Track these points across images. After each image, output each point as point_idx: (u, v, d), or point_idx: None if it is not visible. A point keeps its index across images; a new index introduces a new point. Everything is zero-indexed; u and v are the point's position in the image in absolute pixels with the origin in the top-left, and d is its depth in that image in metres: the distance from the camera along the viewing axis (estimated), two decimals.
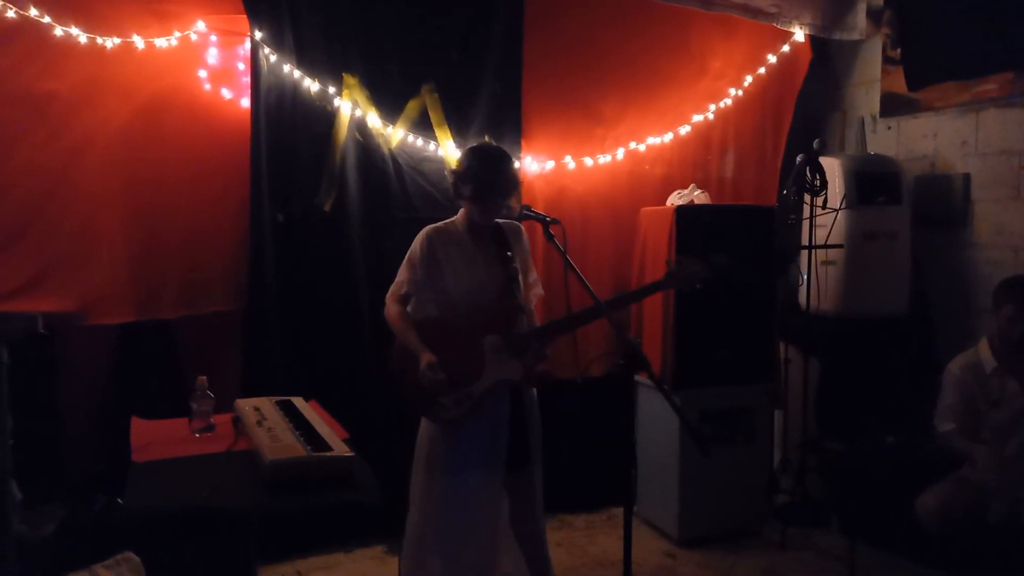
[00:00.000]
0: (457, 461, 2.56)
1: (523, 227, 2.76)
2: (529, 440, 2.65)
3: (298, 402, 2.56)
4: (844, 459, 3.73)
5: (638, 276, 3.91)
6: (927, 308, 4.00)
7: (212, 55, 3.29)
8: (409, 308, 2.65)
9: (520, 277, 2.65)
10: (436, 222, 3.56)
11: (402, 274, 2.68)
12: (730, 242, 3.68)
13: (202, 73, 3.27)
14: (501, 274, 2.57)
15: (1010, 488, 2.97)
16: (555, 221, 2.55)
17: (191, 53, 3.25)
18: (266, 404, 2.48)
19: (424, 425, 2.67)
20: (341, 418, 2.54)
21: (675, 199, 3.89)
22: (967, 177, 3.92)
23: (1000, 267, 3.60)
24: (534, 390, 2.70)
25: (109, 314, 3.11)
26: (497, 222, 2.69)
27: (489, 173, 2.58)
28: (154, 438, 2.33)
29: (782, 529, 3.64)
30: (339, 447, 2.11)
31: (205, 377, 2.40)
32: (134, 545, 2.86)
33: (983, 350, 3.13)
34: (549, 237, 2.57)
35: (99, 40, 3.09)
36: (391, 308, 2.67)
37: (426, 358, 2.49)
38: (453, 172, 2.71)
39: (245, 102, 3.31)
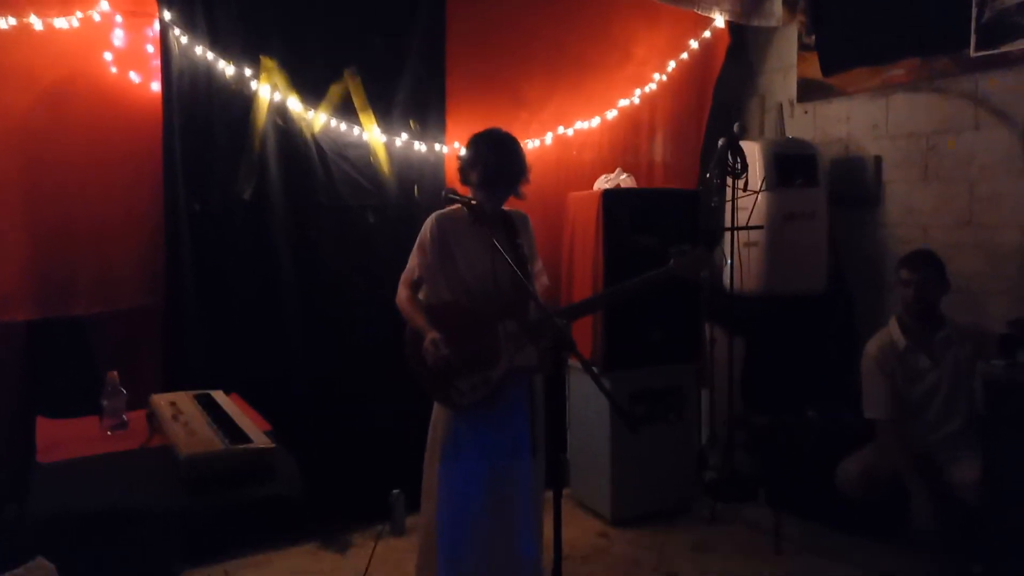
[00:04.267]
0: (476, 449, 2.57)
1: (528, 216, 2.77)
2: (535, 429, 2.65)
3: (217, 395, 2.48)
4: (768, 433, 3.85)
5: (567, 260, 3.93)
6: (845, 285, 4.15)
7: (118, 37, 3.13)
8: (421, 295, 2.65)
9: (529, 265, 2.65)
10: (363, 208, 3.58)
11: (413, 259, 2.67)
12: (656, 225, 3.73)
13: (108, 56, 3.11)
14: (512, 261, 2.51)
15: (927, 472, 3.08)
16: (476, 203, 2.54)
17: (95, 35, 3.09)
18: (183, 398, 2.40)
19: (439, 412, 2.67)
20: (265, 411, 2.46)
21: (602, 183, 3.92)
22: (878, 159, 4.07)
23: (910, 245, 3.75)
24: (540, 377, 2.70)
25: (14, 310, 2.95)
26: (505, 210, 2.69)
27: (496, 158, 2.58)
28: (62, 438, 2.21)
29: (712, 505, 3.73)
30: (260, 439, 2.05)
31: (116, 372, 2.29)
32: (46, 551, 2.72)
33: (893, 328, 3.26)
34: (473, 220, 2.56)
35: None
36: (401, 293, 2.67)
37: (430, 335, 2.49)
38: (460, 158, 2.70)
39: (156, 86, 3.17)
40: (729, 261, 3.87)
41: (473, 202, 2.56)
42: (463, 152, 2.71)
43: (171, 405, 2.30)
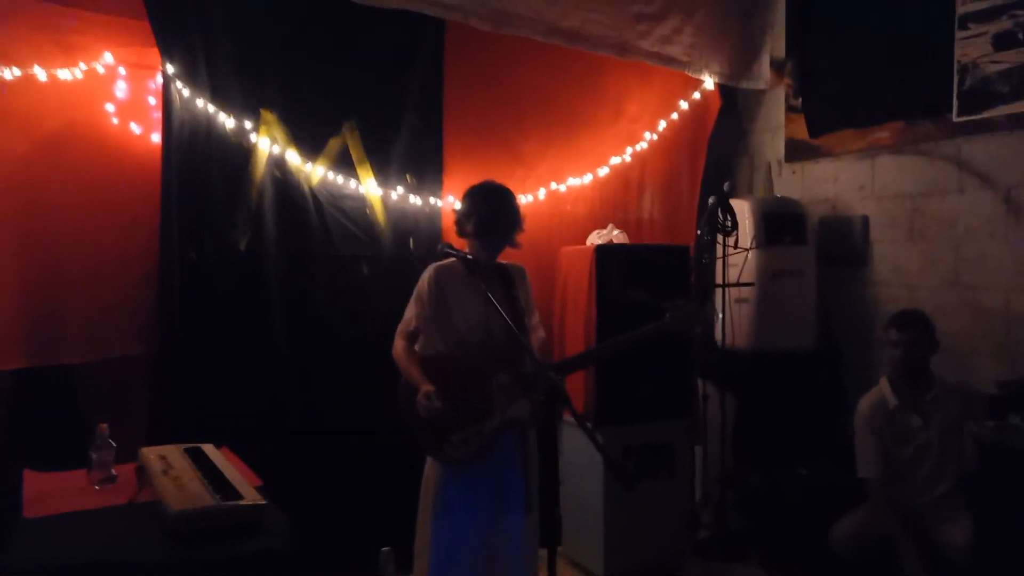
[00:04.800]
0: (468, 504, 2.56)
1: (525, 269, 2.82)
2: (529, 485, 2.64)
3: (208, 449, 2.45)
4: (760, 492, 3.82)
5: (559, 313, 3.95)
6: (833, 342, 4.18)
7: (120, 88, 3.19)
8: (417, 346, 2.66)
9: (525, 318, 2.67)
10: (357, 260, 3.60)
11: (410, 310, 2.69)
12: (648, 280, 3.77)
13: (109, 107, 3.16)
14: (507, 313, 2.54)
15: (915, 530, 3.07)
16: (472, 258, 2.58)
17: (98, 86, 3.14)
18: (173, 452, 2.36)
19: (431, 468, 2.66)
20: (255, 464, 2.43)
21: (595, 238, 3.97)
22: (865, 219, 4.14)
23: (897, 303, 3.79)
24: (534, 432, 2.70)
25: (3, 360, 2.92)
26: (501, 263, 2.73)
27: (490, 209, 2.63)
28: (48, 490, 2.18)
29: (703, 564, 3.68)
30: (250, 495, 2.03)
31: (106, 424, 2.27)
32: None
33: (884, 388, 3.27)
34: (469, 272, 2.58)
35: None
36: (397, 344, 2.67)
37: (424, 388, 2.49)
38: (456, 210, 2.74)
39: (156, 137, 3.21)
40: (720, 317, 3.90)
41: (469, 256, 2.59)
42: (459, 204, 2.76)
43: (161, 459, 2.27)
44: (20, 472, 2.32)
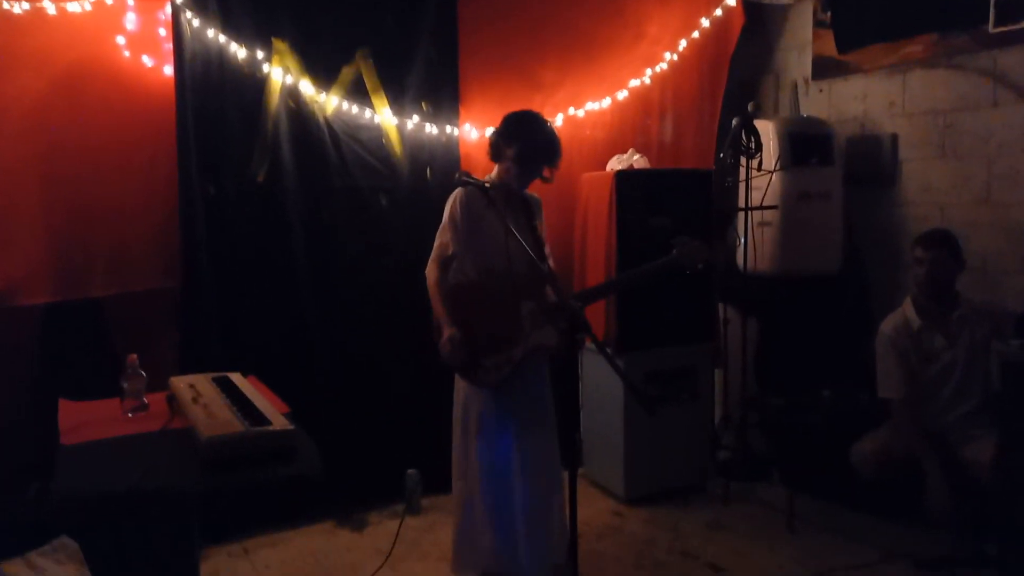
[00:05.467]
0: (506, 423, 2.67)
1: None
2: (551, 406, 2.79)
3: (235, 378, 2.50)
4: (782, 414, 3.85)
5: (580, 240, 3.93)
6: (859, 265, 4.12)
7: (130, 20, 3.13)
8: (451, 273, 2.70)
9: (545, 248, 2.75)
10: (375, 190, 3.59)
11: (444, 235, 2.71)
12: (669, 205, 3.73)
13: (120, 40, 3.11)
14: (531, 242, 2.59)
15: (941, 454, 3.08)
16: (489, 187, 2.56)
17: (107, 18, 3.08)
18: (202, 381, 2.42)
19: (465, 392, 2.75)
20: (282, 393, 2.48)
21: (615, 163, 3.90)
22: (895, 137, 4.02)
23: (926, 223, 3.71)
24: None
25: (33, 294, 2.97)
26: (524, 194, 2.76)
27: (536, 138, 2.67)
28: (84, 420, 2.24)
29: (725, 484, 3.74)
30: (279, 421, 2.07)
31: (136, 355, 2.31)
32: (70, 530, 2.77)
33: (908, 308, 3.24)
34: (488, 204, 2.56)
35: (5, 5, 2.90)
36: (431, 273, 2.71)
37: (448, 332, 2.58)
38: (496, 132, 2.75)
39: (168, 70, 3.17)
40: (743, 241, 3.85)
41: (487, 183, 2.56)
42: (499, 128, 2.77)
43: (190, 387, 2.32)
44: (55, 401, 2.38)
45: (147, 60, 3.18)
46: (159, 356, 2.95)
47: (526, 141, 2.68)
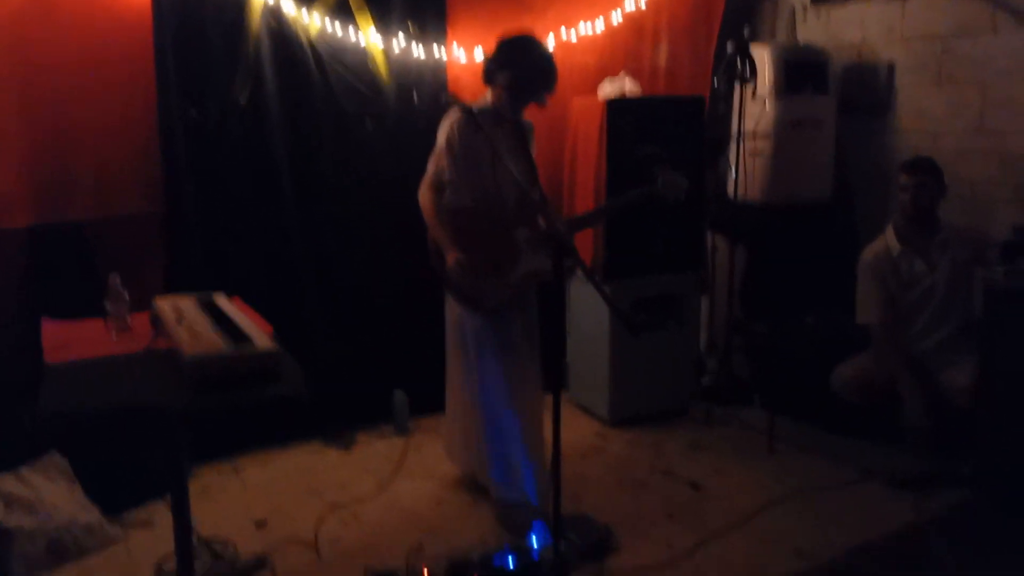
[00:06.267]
0: (496, 348, 2.71)
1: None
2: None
3: (219, 298, 2.49)
4: (766, 339, 3.89)
5: (569, 167, 3.89)
6: (849, 194, 4.10)
7: None
8: (445, 197, 2.67)
9: (537, 174, 2.73)
10: (361, 114, 3.52)
11: (440, 159, 2.67)
12: (661, 133, 3.67)
13: None
14: (523, 169, 2.57)
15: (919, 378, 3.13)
16: (477, 112, 2.52)
17: None
18: (186, 302, 2.41)
19: (457, 314, 2.78)
20: (267, 314, 2.49)
21: (606, 87, 3.82)
22: (891, 66, 3.95)
23: (919, 152, 3.66)
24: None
25: (13, 216, 2.93)
26: (520, 121, 2.74)
27: (531, 63, 2.64)
28: (68, 339, 2.24)
29: (708, 408, 3.81)
30: (262, 341, 2.07)
31: (118, 274, 2.31)
32: (59, 447, 2.82)
33: (889, 235, 3.27)
34: (476, 130, 2.52)
35: None
36: (425, 196, 2.69)
37: (452, 256, 2.58)
38: (490, 57, 2.70)
39: None
40: (734, 169, 3.81)
41: (475, 110, 2.52)
42: (493, 52, 2.72)
43: (174, 308, 2.32)
44: (39, 321, 2.39)
45: None
46: (143, 279, 2.92)
47: (521, 68, 2.64)
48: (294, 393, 2.02)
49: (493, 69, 2.68)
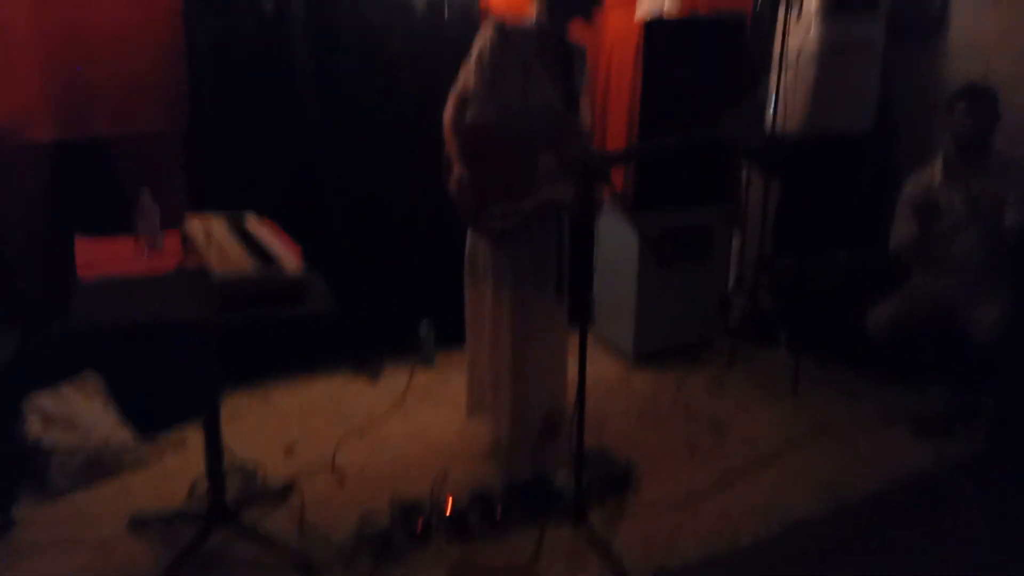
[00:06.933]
0: (508, 276, 2.59)
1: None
2: (562, 270, 2.66)
3: (249, 218, 2.47)
4: (794, 275, 3.82)
5: (602, 91, 3.77)
6: (892, 123, 3.94)
7: None
8: (469, 112, 2.50)
9: (581, 101, 2.57)
10: (389, 29, 3.38)
11: (468, 74, 2.52)
12: (700, 57, 3.51)
13: None
14: (564, 94, 2.44)
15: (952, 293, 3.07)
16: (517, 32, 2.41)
17: None
18: (215, 221, 2.39)
19: (472, 239, 2.69)
20: (294, 233, 2.46)
21: (644, 4, 3.64)
22: None
23: (969, 77, 3.49)
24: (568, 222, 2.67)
25: (33, 128, 2.87)
26: (566, 41, 2.57)
27: None
28: (99, 256, 2.24)
29: (732, 345, 3.78)
30: (292, 263, 2.06)
31: (149, 188, 2.28)
32: (94, 364, 2.86)
33: (935, 163, 3.16)
34: (509, 46, 2.42)
35: None
36: (448, 109, 2.55)
37: (457, 171, 2.48)
38: None
39: None
40: (774, 97, 3.66)
41: (508, 27, 2.41)
42: None
43: (204, 227, 2.30)
44: (71, 237, 2.38)
45: None
46: (169, 197, 2.89)
47: None
48: (324, 311, 2.01)
49: None
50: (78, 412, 2.70)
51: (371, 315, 3.54)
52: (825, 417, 3.20)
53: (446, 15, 3.47)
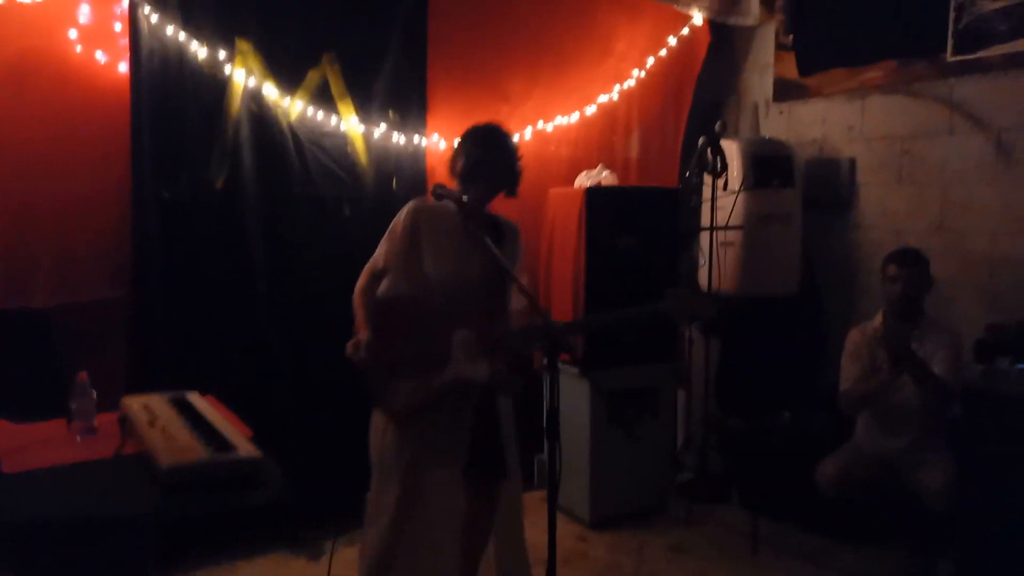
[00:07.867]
0: (416, 462, 2.38)
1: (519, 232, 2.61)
2: (503, 451, 2.49)
3: (194, 398, 2.35)
4: (743, 436, 3.86)
5: (545, 260, 3.88)
6: (816, 288, 4.18)
7: (84, 13, 2.94)
8: (382, 287, 2.44)
9: (507, 278, 2.41)
10: (339, 200, 3.46)
11: (381, 247, 2.48)
12: (637, 223, 3.71)
13: (72, 33, 2.93)
14: (488, 269, 2.36)
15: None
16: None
17: (60, 10, 2.90)
18: (157, 401, 2.26)
19: (378, 422, 2.47)
20: (241, 413, 2.35)
21: (583, 180, 3.87)
22: (853, 161, 4.11)
23: (883, 248, 3.74)
24: (509, 399, 2.52)
25: None
26: (494, 215, 2.55)
27: (480, 152, 2.45)
28: (27, 442, 2.07)
29: (687, 506, 3.73)
30: (244, 446, 1.95)
31: (86, 372, 2.16)
32: (12, 562, 2.57)
33: (877, 319, 3.30)
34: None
35: None
36: (359, 282, 2.49)
37: (357, 336, 2.36)
38: (453, 149, 2.57)
39: (123, 67, 3.00)
40: (706, 262, 3.86)
41: (464, 198, 2.45)
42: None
43: (145, 409, 2.17)
44: None
45: (101, 56, 2.99)
46: (107, 371, 2.75)
47: (469, 157, 2.47)
48: (281, 499, 1.89)
49: (453, 159, 2.54)
50: None
51: (314, 489, 3.35)
52: None
53: (395, 186, 3.59)
